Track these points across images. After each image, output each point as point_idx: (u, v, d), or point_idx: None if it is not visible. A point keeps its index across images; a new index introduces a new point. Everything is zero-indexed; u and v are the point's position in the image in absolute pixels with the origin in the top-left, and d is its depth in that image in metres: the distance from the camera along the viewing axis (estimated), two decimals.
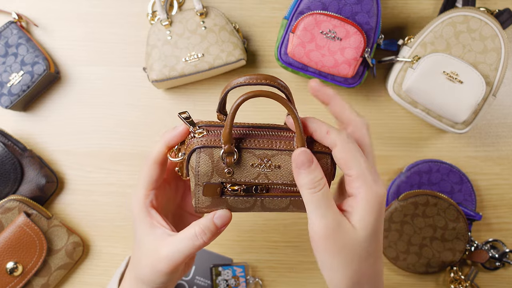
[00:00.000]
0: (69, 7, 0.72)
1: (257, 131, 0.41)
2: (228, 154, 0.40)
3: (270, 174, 0.41)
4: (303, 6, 0.63)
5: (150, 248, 0.44)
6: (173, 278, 0.45)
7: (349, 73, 0.63)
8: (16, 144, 0.67)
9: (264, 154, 0.41)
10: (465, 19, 0.62)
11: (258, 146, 0.41)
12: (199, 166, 0.41)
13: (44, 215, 0.66)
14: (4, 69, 0.67)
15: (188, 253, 0.42)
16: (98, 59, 0.72)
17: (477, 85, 0.61)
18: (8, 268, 0.63)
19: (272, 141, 0.41)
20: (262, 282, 0.70)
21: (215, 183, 0.41)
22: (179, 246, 0.42)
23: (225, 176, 0.41)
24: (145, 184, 0.46)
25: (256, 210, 0.43)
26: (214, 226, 0.42)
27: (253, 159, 0.41)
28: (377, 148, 0.70)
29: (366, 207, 0.39)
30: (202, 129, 0.41)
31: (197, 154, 0.41)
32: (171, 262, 0.43)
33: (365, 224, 0.39)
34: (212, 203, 0.42)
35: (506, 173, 0.70)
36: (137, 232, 0.46)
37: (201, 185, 0.41)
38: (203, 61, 0.65)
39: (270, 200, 0.42)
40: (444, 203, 0.65)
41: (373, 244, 0.40)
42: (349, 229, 0.39)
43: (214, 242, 0.70)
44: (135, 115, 0.71)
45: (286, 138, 0.41)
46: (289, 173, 0.41)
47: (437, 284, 0.69)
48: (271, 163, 0.41)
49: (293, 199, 0.42)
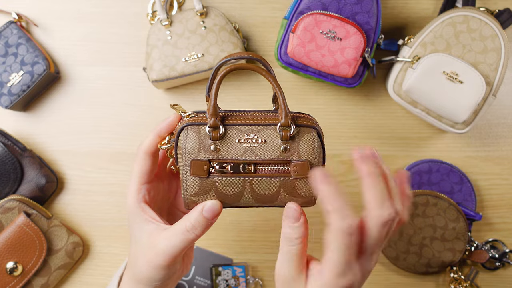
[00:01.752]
0: (69, 7, 0.72)
1: (243, 111, 0.43)
2: (214, 129, 0.41)
3: (256, 150, 0.41)
4: (303, 6, 0.63)
5: (146, 243, 0.44)
6: (172, 276, 0.45)
7: (349, 73, 0.63)
8: (16, 144, 0.67)
9: (250, 130, 0.41)
10: (465, 19, 0.62)
11: (243, 122, 0.41)
12: (186, 143, 0.41)
13: (44, 215, 0.66)
14: (4, 69, 0.67)
15: (183, 246, 0.43)
16: (98, 59, 0.72)
17: (477, 85, 0.61)
18: (8, 268, 0.63)
19: (257, 118, 0.42)
20: (262, 282, 0.70)
21: (202, 160, 0.41)
22: (174, 239, 0.42)
23: (211, 153, 0.41)
24: (137, 177, 0.46)
25: (247, 200, 0.42)
26: (204, 219, 0.42)
27: (239, 135, 0.41)
28: (377, 148, 0.70)
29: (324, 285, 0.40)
30: (191, 113, 0.43)
31: (184, 132, 0.42)
32: (168, 256, 0.43)
33: None
34: (200, 188, 0.42)
35: (506, 173, 0.70)
36: (131, 227, 0.46)
37: (188, 164, 0.41)
38: (203, 61, 0.65)
39: (260, 182, 0.41)
40: (444, 203, 0.65)
41: None
42: None
43: (214, 242, 0.70)
44: (135, 115, 0.71)
45: (271, 114, 0.42)
46: (276, 148, 0.41)
47: (437, 284, 0.69)
48: (257, 138, 0.41)
49: (282, 179, 0.41)
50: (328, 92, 0.71)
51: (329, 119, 0.70)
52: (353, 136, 0.71)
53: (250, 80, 0.71)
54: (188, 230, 0.42)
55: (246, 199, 0.43)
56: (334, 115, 0.71)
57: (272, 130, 0.41)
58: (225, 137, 0.41)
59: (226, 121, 0.42)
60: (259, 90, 0.71)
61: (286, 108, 0.40)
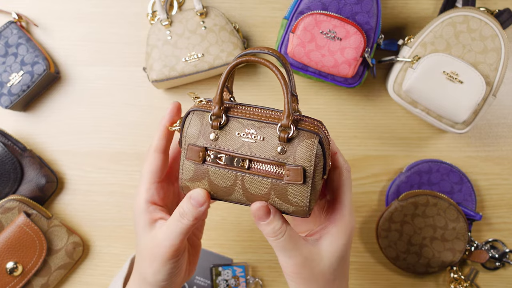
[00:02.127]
0: (69, 7, 0.72)
1: (251, 106, 0.42)
2: (216, 117, 0.40)
3: (253, 146, 0.40)
4: (303, 6, 0.63)
5: (149, 241, 0.44)
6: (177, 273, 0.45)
7: (349, 73, 0.63)
8: (16, 144, 0.67)
9: (252, 125, 0.41)
10: (465, 19, 0.62)
11: (247, 116, 0.41)
12: (188, 127, 0.41)
13: (44, 215, 0.66)
14: (4, 69, 0.67)
15: (181, 233, 0.42)
16: (98, 59, 0.72)
17: (477, 85, 0.61)
18: (8, 268, 0.63)
19: (262, 114, 0.41)
20: (262, 282, 0.70)
21: (199, 146, 0.41)
22: (171, 228, 0.42)
23: (209, 141, 0.41)
24: (147, 175, 0.45)
25: (238, 196, 0.41)
26: (192, 206, 0.42)
27: (240, 128, 0.41)
28: (377, 148, 0.70)
29: (341, 232, 0.43)
30: (203, 99, 0.43)
31: (190, 116, 0.42)
32: (168, 247, 0.42)
33: (338, 247, 0.43)
34: (195, 174, 0.41)
35: (506, 173, 0.70)
36: (137, 227, 0.45)
37: (186, 148, 0.41)
38: (203, 61, 0.65)
39: (251, 180, 0.40)
40: (444, 203, 0.65)
41: (340, 268, 0.43)
42: (315, 258, 0.42)
43: (214, 242, 0.70)
44: (135, 115, 0.71)
45: (277, 114, 0.41)
46: (272, 148, 0.40)
47: (437, 284, 0.69)
48: (256, 134, 0.40)
49: (274, 182, 0.40)
50: (328, 92, 0.71)
51: (329, 119, 0.70)
52: (353, 136, 0.71)
53: (251, 80, 0.71)
54: (180, 216, 0.42)
55: (237, 195, 0.42)
56: (334, 115, 0.71)
57: (273, 129, 0.40)
58: (226, 127, 0.41)
59: (230, 112, 0.41)
60: (260, 91, 0.71)
61: (289, 109, 0.39)
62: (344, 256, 0.44)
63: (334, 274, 0.43)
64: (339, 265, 0.43)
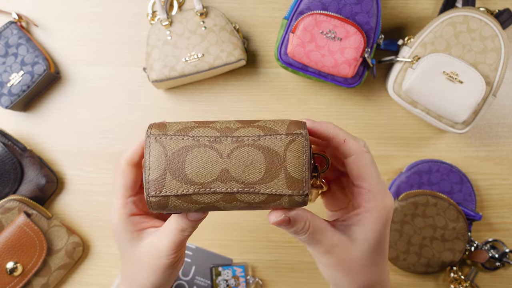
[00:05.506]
0: (69, 7, 0.72)
1: None
2: None
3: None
4: (303, 6, 0.63)
5: (145, 249, 0.41)
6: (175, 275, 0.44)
7: (349, 73, 0.63)
8: (16, 144, 0.67)
9: None
10: (465, 19, 0.62)
11: None
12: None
13: (44, 215, 0.66)
14: (4, 69, 0.67)
15: (183, 242, 0.41)
16: (98, 59, 0.72)
17: (477, 85, 0.61)
18: (8, 268, 0.63)
19: None
20: (262, 282, 0.70)
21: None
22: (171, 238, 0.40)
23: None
24: (120, 191, 0.41)
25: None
26: (190, 222, 0.39)
27: None
28: (377, 148, 0.70)
29: (374, 218, 0.40)
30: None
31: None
32: (171, 253, 0.40)
33: (372, 235, 0.40)
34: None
35: (506, 173, 0.70)
36: (122, 246, 0.42)
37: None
38: (203, 61, 0.65)
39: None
40: (444, 203, 0.65)
41: (377, 253, 0.41)
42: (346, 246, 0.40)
43: (214, 242, 0.70)
44: (135, 115, 0.71)
45: None
46: None
47: (437, 284, 0.69)
48: None
49: None
50: (328, 92, 0.71)
51: (329, 119, 0.70)
52: None
53: (251, 80, 0.71)
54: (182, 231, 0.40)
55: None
56: (334, 115, 0.71)
57: None
58: None
59: None
60: (259, 91, 0.71)
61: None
62: (381, 241, 0.41)
63: (370, 259, 0.41)
64: (376, 251, 0.41)
